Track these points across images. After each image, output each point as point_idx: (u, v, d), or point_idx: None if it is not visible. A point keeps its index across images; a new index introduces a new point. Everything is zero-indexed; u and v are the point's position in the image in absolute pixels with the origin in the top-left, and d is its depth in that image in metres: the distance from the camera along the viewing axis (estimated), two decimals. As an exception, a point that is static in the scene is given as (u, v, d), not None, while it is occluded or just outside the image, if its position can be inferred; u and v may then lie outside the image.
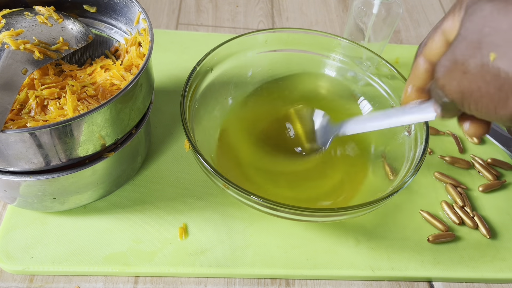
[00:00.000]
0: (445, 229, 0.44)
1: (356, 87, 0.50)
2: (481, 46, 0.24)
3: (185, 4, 0.69)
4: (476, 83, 0.24)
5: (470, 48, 0.24)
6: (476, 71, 0.24)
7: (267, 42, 0.49)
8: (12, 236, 0.39)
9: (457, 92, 0.26)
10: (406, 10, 0.74)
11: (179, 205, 0.43)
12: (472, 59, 0.24)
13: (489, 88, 0.24)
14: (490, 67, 0.23)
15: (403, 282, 0.42)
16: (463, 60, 0.25)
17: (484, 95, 0.24)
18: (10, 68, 0.34)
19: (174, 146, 0.48)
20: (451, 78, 0.26)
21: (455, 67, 0.25)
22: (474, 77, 0.24)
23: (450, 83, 0.26)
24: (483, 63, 0.24)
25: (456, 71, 0.25)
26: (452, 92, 0.26)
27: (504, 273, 0.42)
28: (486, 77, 0.24)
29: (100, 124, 0.34)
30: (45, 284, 0.38)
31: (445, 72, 0.26)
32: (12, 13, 0.39)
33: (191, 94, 0.43)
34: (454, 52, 0.25)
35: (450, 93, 0.26)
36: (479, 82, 0.24)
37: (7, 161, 0.33)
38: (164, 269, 0.39)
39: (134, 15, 0.42)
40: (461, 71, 0.25)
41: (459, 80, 0.25)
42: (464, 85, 0.25)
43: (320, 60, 0.51)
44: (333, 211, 0.36)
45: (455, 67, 0.25)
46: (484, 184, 0.48)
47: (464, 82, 0.25)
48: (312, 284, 0.41)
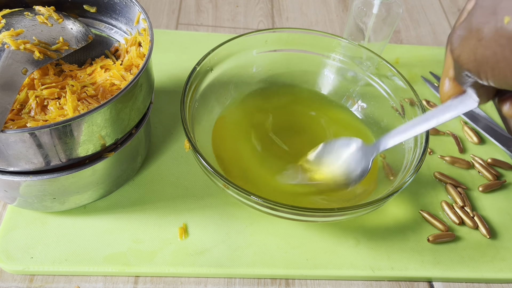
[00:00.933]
0: (445, 229, 0.44)
1: (356, 87, 0.50)
2: (496, 12, 0.24)
3: (185, 4, 0.69)
4: (491, 48, 0.24)
5: (485, 14, 0.24)
6: (490, 36, 0.24)
7: (267, 42, 0.49)
8: (12, 236, 0.39)
9: (473, 61, 0.25)
10: (406, 10, 0.74)
11: (179, 205, 0.43)
12: (486, 24, 0.24)
13: (504, 51, 0.24)
14: (505, 30, 0.23)
15: (403, 282, 0.42)
16: (478, 27, 0.25)
17: (500, 60, 0.24)
18: (10, 68, 0.34)
19: (174, 146, 0.48)
20: (466, 47, 0.26)
21: (470, 35, 0.25)
22: (489, 42, 0.24)
23: (465, 52, 0.26)
24: (497, 27, 0.23)
25: (471, 39, 0.25)
26: (467, 61, 0.26)
27: (504, 273, 0.42)
28: (501, 40, 0.23)
29: (100, 124, 0.34)
30: (45, 284, 0.38)
31: (460, 41, 0.26)
32: (12, 13, 0.39)
33: (191, 94, 0.43)
34: (469, 21, 0.25)
35: (466, 63, 0.26)
36: (494, 47, 0.24)
37: (7, 161, 0.33)
38: (164, 269, 0.39)
39: (134, 15, 0.42)
40: (476, 38, 0.25)
41: (474, 47, 0.25)
42: (480, 52, 0.25)
43: (320, 60, 0.51)
44: (333, 211, 0.36)
45: (470, 35, 0.25)
46: (484, 184, 0.48)
47: (479, 49, 0.25)
48: (312, 284, 0.41)
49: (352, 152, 0.41)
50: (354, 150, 0.41)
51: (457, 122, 0.55)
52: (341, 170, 0.42)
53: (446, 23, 0.72)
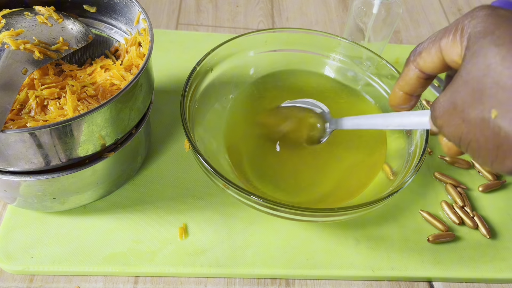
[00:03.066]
0: (445, 229, 0.44)
1: (356, 87, 0.50)
2: (482, 98, 0.23)
3: (185, 4, 0.69)
4: (474, 134, 0.24)
5: (471, 96, 0.23)
6: (475, 123, 0.23)
7: (267, 42, 0.49)
8: (12, 236, 0.39)
9: (455, 137, 0.25)
10: (406, 10, 0.74)
11: (179, 205, 0.43)
12: (472, 109, 0.23)
13: (487, 143, 0.23)
14: (491, 123, 0.23)
15: (403, 282, 0.42)
16: (463, 107, 0.24)
17: (481, 148, 0.24)
18: (10, 68, 0.34)
19: (174, 146, 0.48)
20: (450, 122, 0.25)
21: (454, 111, 0.25)
22: (473, 128, 0.24)
23: (448, 126, 0.25)
24: (484, 117, 0.23)
25: (455, 116, 0.25)
26: (450, 135, 0.26)
27: (504, 273, 0.42)
28: (486, 132, 0.23)
29: (100, 124, 0.34)
30: (45, 284, 0.38)
31: (444, 113, 0.25)
32: (12, 13, 0.39)
33: (191, 94, 0.43)
34: (454, 95, 0.25)
35: (448, 135, 0.26)
36: (478, 134, 0.23)
37: (7, 161, 0.33)
38: (164, 269, 0.39)
39: (134, 15, 0.42)
40: (460, 118, 0.24)
41: (457, 126, 0.25)
42: (462, 133, 0.24)
43: (320, 60, 0.51)
44: (333, 211, 0.36)
45: (454, 112, 0.25)
46: (484, 184, 0.48)
47: (463, 129, 0.24)
48: (312, 284, 0.41)
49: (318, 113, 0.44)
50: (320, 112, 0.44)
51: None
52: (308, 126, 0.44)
53: (446, 23, 0.72)
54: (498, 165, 0.23)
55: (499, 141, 0.23)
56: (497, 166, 0.24)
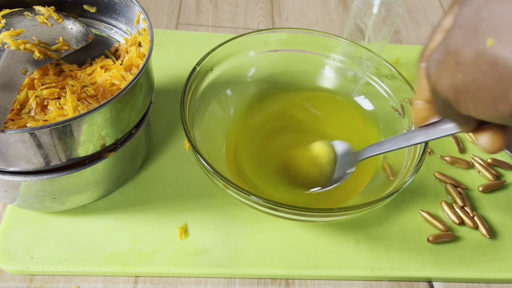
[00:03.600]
0: (445, 229, 0.44)
1: (356, 87, 0.50)
2: (477, 32, 0.21)
3: (185, 4, 0.69)
4: (471, 74, 0.21)
5: (464, 35, 0.21)
6: (471, 61, 0.21)
7: (267, 42, 0.49)
8: (12, 236, 0.39)
9: (451, 88, 0.22)
10: (406, 10, 0.74)
11: (179, 205, 0.43)
12: (466, 47, 0.21)
13: (486, 79, 0.20)
14: (487, 54, 0.20)
15: (403, 282, 0.42)
16: (457, 49, 0.21)
17: (481, 88, 0.21)
18: (10, 68, 0.34)
19: (174, 146, 0.48)
20: (444, 72, 0.23)
21: (448, 58, 0.22)
22: (469, 67, 0.21)
23: (442, 78, 0.23)
24: (479, 50, 0.20)
25: (449, 62, 0.22)
26: (445, 89, 0.23)
27: (504, 273, 0.42)
28: (483, 66, 0.20)
29: (100, 124, 0.34)
30: (45, 284, 0.38)
31: (437, 66, 0.23)
32: (12, 13, 0.39)
33: (191, 94, 0.43)
34: (447, 42, 0.22)
35: (443, 90, 0.23)
36: (475, 73, 0.21)
37: (7, 161, 0.33)
38: (164, 269, 0.39)
39: (134, 15, 0.42)
40: (454, 62, 0.22)
41: (452, 73, 0.22)
42: (458, 79, 0.22)
43: (320, 60, 0.51)
44: (333, 211, 0.35)
45: (448, 59, 0.22)
46: (484, 184, 0.48)
47: (458, 75, 0.22)
48: (312, 284, 0.41)
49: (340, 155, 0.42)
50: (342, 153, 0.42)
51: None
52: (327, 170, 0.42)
53: (446, 23, 0.72)
54: (502, 105, 0.21)
55: (499, 73, 0.20)
56: (502, 106, 0.21)
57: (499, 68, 0.20)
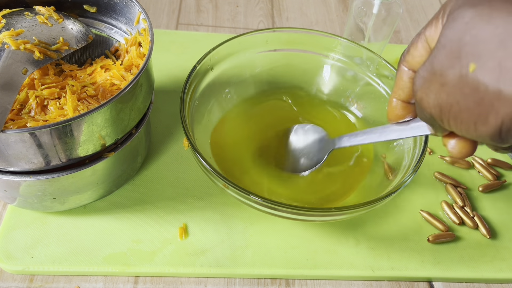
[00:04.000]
0: (445, 229, 0.44)
1: (356, 87, 0.50)
2: (460, 56, 0.22)
3: (185, 4, 0.69)
4: (454, 96, 0.22)
5: (449, 57, 0.23)
6: (454, 83, 0.22)
7: (267, 42, 0.49)
8: (12, 236, 0.39)
9: (435, 106, 0.24)
10: (406, 10, 0.74)
11: (179, 205, 0.43)
12: (450, 70, 0.22)
13: (468, 102, 0.22)
14: (469, 78, 0.21)
15: (403, 282, 0.42)
16: (441, 71, 0.23)
17: (463, 110, 0.22)
18: (10, 68, 0.34)
19: (174, 146, 0.48)
20: (429, 91, 0.24)
21: (433, 78, 0.23)
22: (453, 89, 0.22)
23: (427, 96, 0.24)
24: (461, 74, 0.22)
25: (434, 83, 0.23)
26: (430, 106, 0.24)
27: (504, 273, 0.42)
28: (465, 89, 0.22)
29: (100, 124, 0.34)
30: (45, 284, 0.38)
31: (423, 84, 0.24)
32: (12, 13, 0.39)
33: (191, 93, 0.43)
34: (432, 62, 0.24)
35: (428, 107, 0.24)
36: (458, 95, 0.22)
37: (7, 161, 0.33)
38: (164, 269, 0.39)
39: (134, 15, 0.42)
40: (439, 83, 0.23)
41: (437, 93, 0.23)
42: (442, 99, 0.23)
43: (320, 60, 0.51)
44: (332, 210, 0.35)
45: (433, 78, 0.23)
46: (484, 184, 0.48)
47: (442, 95, 0.23)
48: (312, 284, 0.41)
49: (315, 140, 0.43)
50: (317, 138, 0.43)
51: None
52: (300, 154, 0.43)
53: (446, 23, 0.72)
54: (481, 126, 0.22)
55: (479, 96, 0.21)
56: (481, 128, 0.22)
57: (479, 93, 0.21)
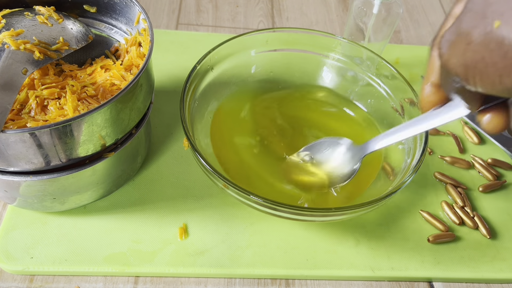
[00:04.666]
0: (445, 229, 0.44)
1: (356, 87, 0.50)
2: (485, 15, 0.23)
3: (185, 4, 0.69)
4: (480, 52, 0.24)
5: (474, 18, 0.24)
6: (480, 40, 0.24)
7: (267, 42, 0.49)
8: (12, 236, 0.39)
9: (461, 65, 0.25)
10: (406, 10, 0.74)
11: (179, 205, 0.43)
12: (476, 29, 0.24)
13: (493, 56, 0.23)
14: (494, 34, 0.23)
15: (403, 282, 0.42)
16: (467, 31, 0.24)
17: (488, 65, 0.24)
18: (10, 68, 0.34)
19: (174, 146, 0.48)
20: (455, 51, 0.25)
21: (459, 39, 0.25)
22: (478, 46, 0.24)
23: (453, 57, 0.25)
24: (486, 31, 0.23)
25: (460, 43, 0.25)
26: (456, 66, 0.26)
27: (504, 273, 0.42)
28: (490, 45, 0.23)
29: (100, 124, 0.34)
30: (45, 284, 0.38)
31: (449, 45, 0.26)
32: (12, 13, 0.39)
33: (191, 93, 0.43)
34: (458, 25, 0.25)
35: (454, 67, 0.26)
36: (483, 51, 0.24)
37: (7, 161, 0.33)
38: (164, 269, 0.39)
39: (134, 15, 0.42)
40: (465, 42, 0.25)
41: (463, 51, 0.25)
42: (468, 56, 0.25)
43: (320, 60, 0.51)
44: (332, 210, 0.36)
45: (459, 39, 0.25)
46: (484, 184, 0.48)
47: (468, 53, 0.24)
48: (312, 284, 0.41)
49: (341, 152, 0.42)
50: (344, 150, 0.41)
51: (457, 122, 0.55)
52: (329, 169, 0.42)
53: (446, 23, 0.72)
54: (506, 77, 0.23)
55: (504, 50, 0.23)
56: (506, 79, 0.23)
57: (504, 46, 0.23)
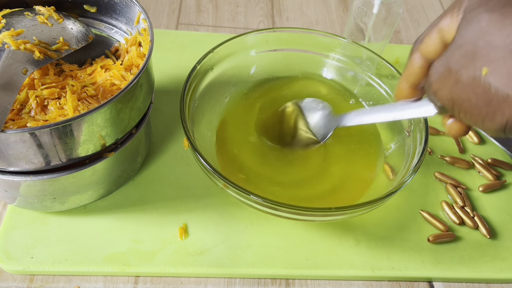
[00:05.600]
0: (445, 229, 0.44)
1: (356, 87, 0.50)
2: (475, 58, 0.24)
3: (185, 4, 0.69)
4: (466, 93, 0.25)
5: (464, 58, 0.25)
6: (467, 83, 0.25)
7: (267, 42, 0.49)
8: (12, 236, 0.39)
9: (448, 99, 0.26)
10: (406, 10, 0.74)
11: (179, 205, 0.43)
12: (465, 69, 0.25)
13: (478, 101, 0.24)
14: (481, 81, 0.24)
15: (403, 282, 0.42)
16: (457, 69, 0.25)
17: (473, 106, 0.25)
18: (10, 68, 0.34)
19: (174, 146, 0.48)
20: (444, 85, 0.26)
21: (448, 74, 0.26)
22: (466, 87, 0.25)
23: (442, 90, 0.27)
24: (475, 76, 0.24)
25: (449, 78, 0.26)
26: (443, 99, 0.27)
27: (504, 273, 0.42)
28: (477, 90, 0.24)
29: (100, 124, 0.34)
30: (45, 284, 0.38)
31: (439, 78, 0.27)
32: (12, 13, 0.39)
33: (191, 93, 0.43)
34: (448, 60, 0.26)
35: (442, 99, 0.27)
36: (470, 93, 0.25)
37: (7, 161, 0.33)
38: (164, 269, 0.39)
39: (134, 15, 0.42)
40: (454, 79, 0.26)
41: (451, 88, 0.26)
42: (455, 94, 0.26)
43: (320, 60, 0.51)
44: (332, 210, 0.35)
45: (448, 75, 0.26)
46: (484, 184, 0.48)
47: (456, 90, 0.26)
48: (312, 284, 0.41)
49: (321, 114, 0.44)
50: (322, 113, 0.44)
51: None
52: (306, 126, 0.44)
53: (446, 23, 0.72)
54: (488, 122, 0.25)
55: (489, 97, 0.24)
56: (488, 123, 0.25)
57: (490, 95, 0.24)
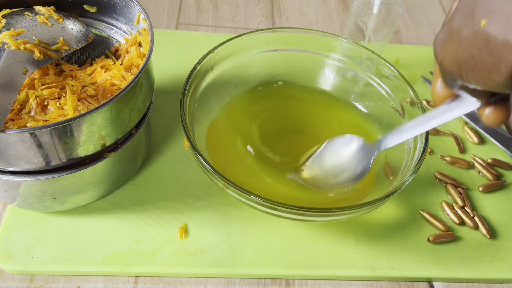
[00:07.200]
0: (445, 229, 0.44)
1: (356, 87, 0.50)
2: (473, 14, 0.24)
3: (185, 4, 0.69)
4: (469, 51, 0.25)
5: (464, 17, 0.25)
6: (469, 39, 0.25)
7: (267, 42, 0.49)
8: (12, 236, 0.39)
9: (454, 63, 0.26)
10: (406, 10, 0.74)
11: (179, 205, 0.43)
12: (465, 27, 0.25)
13: (481, 54, 0.24)
14: (481, 33, 0.24)
15: (403, 282, 0.42)
16: (458, 30, 0.25)
17: (478, 62, 0.25)
18: (10, 68, 0.34)
19: (174, 146, 0.48)
20: (448, 49, 0.26)
21: (451, 37, 0.26)
22: (468, 45, 0.25)
23: (447, 55, 0.26)
24: (475, 30, 0.24)
25: (452, 41, 0.26)
26: (450, 64, 0.27)
27: (504, 273, 0.42)
28: (478, 43, 0.24)
29: (100, 124, 0.34)
30: (45, 284, 0.38)
31: (442, 44, 0.27)
32: (12, 13, 0.39)
33: (191, 93, 0.43)
34: (450, 24, 0.26)
35: (448, 65, 0.27)
36: (472, 49, 0.25)
37: (7, 161, 0.33)
38: (164, 269, 0.39)
39: (134, 15, 0.42)
40: (456, 41, 0.25)
41: (454, 50, 0.26)
42: (460, 55, 0.25)
43: (320, 60, 0.51)
44: (332, 210, 0.36)
45: (451, 38, 0.26)
46: (484, 184, 0.48)
47: (459, 51, 0.25)
48: (312, 284, 0.41)
49: (354, 151, 0.41)
50: (356, 148, 0.41)
51: (457, 122, 0.55)
52: (342, 169, 0.41)
53: (446, 23, 0.72)
54: (495, 75, 0.24)
55: (491, 48, 0.24)
56: (495, 76, 0.24)
57: (490, 44, 0.24)
